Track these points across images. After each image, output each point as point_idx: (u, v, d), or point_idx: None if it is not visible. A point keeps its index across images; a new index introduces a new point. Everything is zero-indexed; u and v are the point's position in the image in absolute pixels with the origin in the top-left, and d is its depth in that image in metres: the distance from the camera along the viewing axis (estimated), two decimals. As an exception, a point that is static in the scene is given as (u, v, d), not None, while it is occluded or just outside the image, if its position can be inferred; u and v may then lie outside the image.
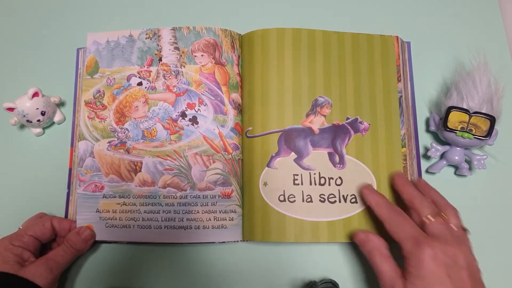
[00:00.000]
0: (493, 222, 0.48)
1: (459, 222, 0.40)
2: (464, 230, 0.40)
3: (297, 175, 0.45)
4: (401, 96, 0.49)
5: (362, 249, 0.42)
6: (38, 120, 0.48)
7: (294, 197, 0.44)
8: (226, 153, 0.46)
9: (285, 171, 0.45)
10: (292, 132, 0.46)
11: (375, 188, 0.45)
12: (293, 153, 0.46)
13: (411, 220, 0.40)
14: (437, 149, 0.47)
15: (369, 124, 0.47)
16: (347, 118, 0.47)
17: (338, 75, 0.48)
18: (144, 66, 0.49)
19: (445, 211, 0.41)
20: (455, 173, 0.49)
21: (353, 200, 0.45)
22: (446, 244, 0.36)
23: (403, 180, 0.44)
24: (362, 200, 0.45)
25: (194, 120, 0.47)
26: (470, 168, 0.47)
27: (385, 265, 0.39)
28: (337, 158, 0.46)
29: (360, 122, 0.46)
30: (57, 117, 0.50)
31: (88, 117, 0.48)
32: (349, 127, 0.46)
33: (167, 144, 0.47)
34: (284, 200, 0.44)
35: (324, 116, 0.47)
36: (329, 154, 0.46)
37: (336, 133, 0.46)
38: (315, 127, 0.46)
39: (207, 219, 0.45)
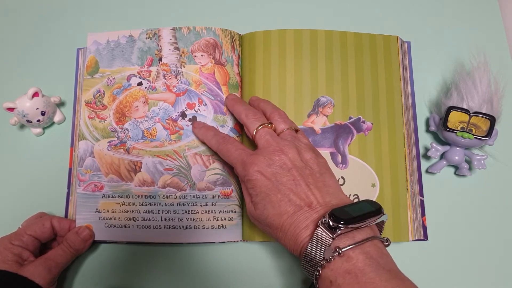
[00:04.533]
0: (493, 222, 0.47)
1: (287, 125, 0.41)
2: (296, 130, 0.41)
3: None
4: (401, 96, 0.49)
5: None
6: (38, 120, 0.48)
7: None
8: (226, 153, 0.46)
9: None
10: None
11: (378, 190, 0.45)
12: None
13: (238, 144, 0.40)
14: (437, 149, 0.47)
15: (372, 124, 0.47)
16: (350, 118, 0.47)
17: (340, 75, 0.47)
18: (144, 66, 0.49)
19: (272, 119, 0.41)
20: (455, 173, 0.49)
21: (356, 200, 0.45)
22: (268, 154, 0.37)
23: (233, 100, 0.45)
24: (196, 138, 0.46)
25: (194, 120, 0.47)
26: (470, 168, 0.47)
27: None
28: (339, 158, 0.46)
29: (363, 122, 0.46)
30: (57, 117, 0.50)
31: (88, 117, 0.48)
32: (351, 127, 0.46)
33: (167, 144, 0.47)
34: None
35: (326, 116, 0.46)
36: (331, 154, 0.46)
37: (338, 133, 0.46)
38: (317, 127, 0.46)
39: (207, 219, 0.45)
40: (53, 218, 0.44)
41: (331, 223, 0.31)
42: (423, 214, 0.47)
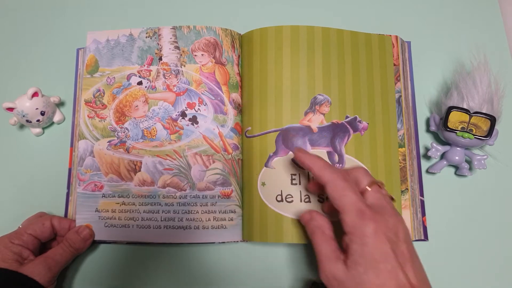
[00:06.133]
0: (493, 222, 0.47)
1: (386, 191, 0.37)
2: (392, 199, 0.37)
3: (294, 174, 0.45)
4: (401, 96, 0.49)
5: (306, 230, 0.38)
6: (38, 120, 0.48)
7: (292, 197, 0.44)
8: (226, 153, 0.46)
9: (283, 171, 0.45)
10: (289, 131, 0.46)
11: None
12: (291, 153, 0.45)
13: (355, 187, 0.35)
14: (437, 149, 0.47)
15: (368, 124, 0.47)
16: (347, 117, 0.46)
17: (337, 73, 0.47)
18: (144, 65, 0.49)
19: (376, 180, 0.37)
20: (455, 173, 0.49)
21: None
22: (386, 216, 0.33)
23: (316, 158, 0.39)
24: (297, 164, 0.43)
25: (194, 120, 0.47)
26: (470, 168, 0.47)
27: (324, 246, 0.35)
28: (336, 158, 0.46)
29: (359, 121, 0.46)
30: (56, 117, 0.50)
31: (88, 116, 0.48)
32: (348, 126, 0.46)
33: (167, 144, 0.47)
34: (282, 200, 0.44)
35: (323, 114, 0.46)
36: (328, 153, 0.46)
37: (335, 132, 0.46)
38: (314, 126, 0.46)
39: (207, 219, 0.45)
40: (53, 217, 0.44)
41: None
42: (423, 214, 0.47)
